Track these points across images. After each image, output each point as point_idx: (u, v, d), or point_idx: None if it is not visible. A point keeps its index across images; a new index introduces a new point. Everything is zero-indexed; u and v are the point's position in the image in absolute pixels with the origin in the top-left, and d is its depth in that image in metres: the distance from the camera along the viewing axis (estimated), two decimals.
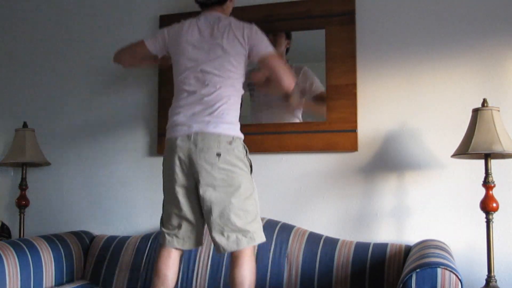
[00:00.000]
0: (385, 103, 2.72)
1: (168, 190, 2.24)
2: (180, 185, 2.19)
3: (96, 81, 3.17)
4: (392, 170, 2.68)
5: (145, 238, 2.81)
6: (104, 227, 3.05)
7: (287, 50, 2.87)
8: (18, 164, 3.07)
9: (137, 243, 2.79)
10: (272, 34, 2.75)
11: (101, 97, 3.15)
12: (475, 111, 2.36)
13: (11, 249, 2.45)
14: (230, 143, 2.15)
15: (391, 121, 2.70)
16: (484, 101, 2.35)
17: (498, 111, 2.34)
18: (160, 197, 2.30)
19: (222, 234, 2.12)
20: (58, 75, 3.25)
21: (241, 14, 2.80)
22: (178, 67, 2.32)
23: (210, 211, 2.14)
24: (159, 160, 2.30)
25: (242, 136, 2.24)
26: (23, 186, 3.06)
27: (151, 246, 2.74)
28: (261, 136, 2.81)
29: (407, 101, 2.70)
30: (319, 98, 2.75)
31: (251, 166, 2.23)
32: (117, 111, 3.11)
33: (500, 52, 2.61)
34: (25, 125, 3.09)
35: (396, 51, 2.73)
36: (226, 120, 2.18)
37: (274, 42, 2.70)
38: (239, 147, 2.18)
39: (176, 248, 2.23)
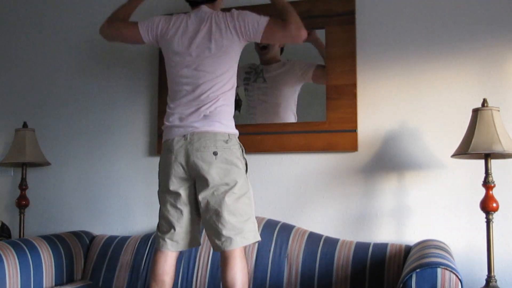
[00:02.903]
0: (385, 103, 2.72)
1: (163, 191, 2.24)
2: (176, 185, 2.18)
3: (96, 81, 3.17)
4: (392, 170, 2.68)
5: (145, 238, 2.81)
6: (104, 227, 3.05)
7: (282, 48, 2.88)
8: (18, 164, 3.07)
9: (137, 243, 2.79)
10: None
11: (101, 97, 3.15)
12: (475, 111, 2.36)
13: (11, 249, 2.45)
14: (227, 141, 2.15)
15: (391, 121, 2.70)
16: (484, 101, 2.36)
17: (498, 111, 2.34)
18: None
19: (217, 232, 2.10)
20: (58, 75, 3.25)
21: None
22: (170, 66, 2.31)
23: (205, 210, 2.14)
24: (159, 159, 2.29)
25: (237, 132, 2.23)
26: (23, 186, 3.06)
27: (151, 246, 2.74)
28: (261, 136, 2.81)
29: (407, 101, 2.70)
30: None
31: (246, 166, 2.22)
32: (117, 111, 3.11)
33: (500, 52, 2.61)
34: (25, 125, 3.09)
35: (396, 51, 2.73)
36: (221, 118, 2.17)
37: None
38: (236, 146, 2.18)
39: (171, 251, 2.22)
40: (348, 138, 2.71)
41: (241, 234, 2.10)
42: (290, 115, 2.83)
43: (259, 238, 2.18)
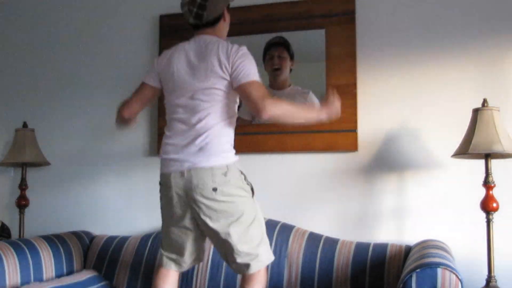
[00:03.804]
0: (385, 103, 2.72)
1: (167, 222, 2.21)
2: (179, 218, 2.15)
3: (96, 81, 3.17)
4: (392, 170, 2.68)
5: (145, 238, 2.81)
6: (104, 227, 3.05)
7: (290, 70, 2.88)
8: (18, 164, 3.07)
9: (137, 243, 2.79)
10: (278, 56, 2.85)
11: (101, 97, 3.15)
12: (475, 111, 2.36)
13: (11, 249, 2.45)
14: (225, 174, 2.07)
15: (391, 121, 2.70)
16: (484, 101, 2.36)
17: (498, 111, 2.34)
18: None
19: (231, 259, 2.11)
20: (58, 75, 3.25)
21: (241, 14, 2.81)
22: (167, 95, 2.24)
23: (214, 240, 2.14)
24: (159, 160, 2.29)
25: (236, 159, 2.14)
26: (23, 186, 3.06)
27: (151, 246, 2.75)
28: (261, 136, 2.81)
29: (407, 101, 2.70)
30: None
31: (252, 190, 2.17)
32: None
33: (500, 52, 2.61)
34: (25, 125, 3.09)
35: (396, 51, 2.73)
36: (217, 150, 2.09)
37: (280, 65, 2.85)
38: (235, 175, 2.10)
39: (175, 270, 2.23)
40: (348, 138, 2.71)
41: (256, 258, 2.10)
42: None
43: (272, 258, 2.18)
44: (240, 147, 2.82)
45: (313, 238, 2.61)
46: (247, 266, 2.09)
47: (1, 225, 3.10)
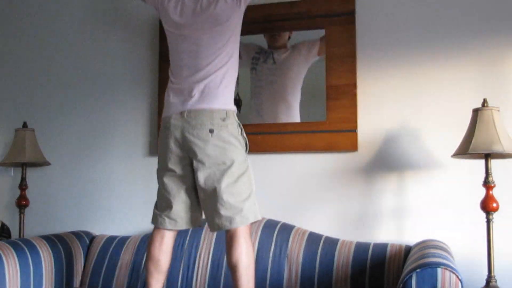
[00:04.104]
0: (385, 103, 2.72)
1: (161, 169, 2.22)
2: (174, 163, 2.16)
3: (96, 81, 3.17)
4: (392, 170, 2.68)
5: (145, 238, 2.81)
6: (104, 227, 3.05)
7: (289, 38, 2.88)
8: (18, 164, 3.07)
9: (137, 243, 2.79)
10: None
11: (101, 97, 3.15)
12: (475, 111, 2.36)
13: (11, 249, 2.45)
14: (224, 119, 2.11)
15: (391, 121, 2.70)
16: (484, 101, 2.36)
17: (498, 111, 2.34)
18: None
19: (215, 212, 2.08)
20: (58, 75, 3.25)
21: None
22: (170, 39, 2.29)
23: (202, 189, 2.12)
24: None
25: (235, 109, 2.19)
26: (23, 186, 3.06)
27: None
28: (261, 136, 2.81)
29: (407, 101, 2.70)
30: None
31: (246, 144, 2.18)
32: (117, 111, 3.11)
33: (500, 52, 2.61)
34: (25, 125, 3.09)
35: (396, 51, 2.73)
36: (219, 95, 2.13)
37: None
38: (234, 124, 2.14)
39: (169, 229, 2.19)
40: (348, 138, 2.71)
41: (241, 213, 2.07)
42: (296, 98, 2.81)
43: (259, 217, 2.14)
44: None
45: (313, 238, 2.60)
46: (230, 220, 2.06)
47: (1, 225, 3.10)
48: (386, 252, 2.46)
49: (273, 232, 2.62)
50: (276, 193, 2.81)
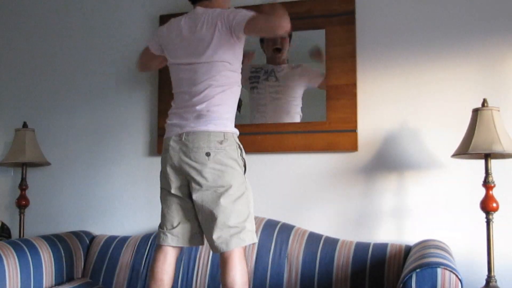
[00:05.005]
0: (385, 103, 2.72)
1: (163, 190, 2.25)
2: (174, 185, 2.18)
3: (96, 81, 3.17)
4: (392, 170, 2.68)
5: (145, 238, 2.81)
6: (104, 227, 3.05)
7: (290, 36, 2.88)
8: (18, 164, 3.07)
9: (137, 243, 2.79)
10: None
11: (101, 97, 3.15)
12: (475, 111, 2.36)
13: (11, 249, 2.45)
14: (221, 142, 2.11)
15: (391, 121, 2.70)
16: (484, 101, 2.36)
17: (498, 111, 2.34)
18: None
19: (213, 234, 2.08)
20: (58, 75, 3.25)
21: None
22: (171, 71, 2.33)
23: (200, 211, 2.13)
24: (159, 160, 2.30)
25: (235, 131, 2.20)
26: (23, 186, 3.06)
27: (151, 246, 2.74)
28: (261, 136, 2.81)
29: (407, 101, 2.70)
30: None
31: (245, 166, 2.19)
32: (117, 111, 3.11)
33: (500, 52, 2.61)
34: (25, 125, 3.09)
35: (396, 51, 2.73)
36: (216, 117, 2.14)
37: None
38: (232, 146, 2.14)
39: (172, 246, 2.20)
40: (348, 138, 2.71)
41: (238, 235, 2.08)
42: (297, 114, 2.82)
43: (255, 240, 2.15)
44: None
45: (313, 238, 2.61)
46: (226, 242, 2.06)
47: (1, 225, 3.10)
48: (386, 252, 2.46)
49: (273, 232, 2.62)
50: (276, 193, 2.81)
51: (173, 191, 2.19)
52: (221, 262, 2.11)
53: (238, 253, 2.09)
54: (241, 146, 2.19)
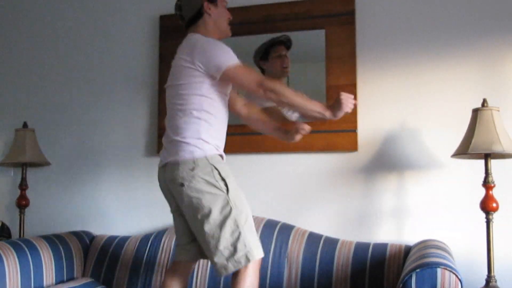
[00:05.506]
0: (385, 103, 2.72)
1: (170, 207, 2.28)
2: (171, 207, 2.23)
3: (96, 81, 3.17)
4: (392, 170, 2.68)
5: (145, 238, 2.81)
6: (104, 227, 3.05)
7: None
8: (18, 164, 3.07)
9: (137, 243, 2.79)
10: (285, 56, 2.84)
11: (101, 97, 3.15)
12: (475, 111, 2.36)
13: (11, 249, 2.45)
14: (193, 169, 2.05)
15: (391, 121, 2.70)
16: (484, 101, 2.36)
17: (498, 111, 2.34)
18: (160, 196, 2.29)
19: (211, 259, 2.06)
20: (58, 75, 3.25)
21: (241, 14, 2.81)
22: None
23: (196, 235, 2.15)
24: (159, 160, 2.30)
25: (209, 153, 2.08)
26: (23, 186, 3.06)
27: (151, 246, 2.75)
28: (261, 136, 2.81)
29: (407, 101, 2.70)
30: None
31: (226, 185, 2.06)
32: (116, 111, 3.11)
33: (500, 52, 2.61)
34: (25, 125, 3.09)
35: (396, 51, 2.73)
36: (185, 145, 2.08)
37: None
38: (205, 169, 2.05)
39: (184, 261, 2.21)
40: (348, 138, 2.71)
41: (232, 258, 2.01)
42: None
43: (255, 257, 2.04)
44: (240, 147, 2.84)
45: (313, 238, 2.61)
46: (225, 267, 2.03)
47: (1, 225, 3.10)
48: (386, 252, 2.46)
49: (273, 232, 2.62)
50: (276, 193, 2.81)
51: (173, 210, 2.23)
52: (232, 276, 2.09)
53: (242, 270, 2.04)
54: (217, 166, 2.07)
